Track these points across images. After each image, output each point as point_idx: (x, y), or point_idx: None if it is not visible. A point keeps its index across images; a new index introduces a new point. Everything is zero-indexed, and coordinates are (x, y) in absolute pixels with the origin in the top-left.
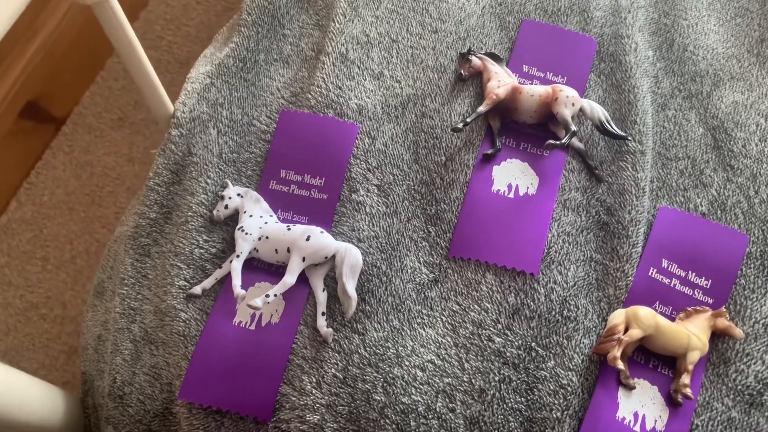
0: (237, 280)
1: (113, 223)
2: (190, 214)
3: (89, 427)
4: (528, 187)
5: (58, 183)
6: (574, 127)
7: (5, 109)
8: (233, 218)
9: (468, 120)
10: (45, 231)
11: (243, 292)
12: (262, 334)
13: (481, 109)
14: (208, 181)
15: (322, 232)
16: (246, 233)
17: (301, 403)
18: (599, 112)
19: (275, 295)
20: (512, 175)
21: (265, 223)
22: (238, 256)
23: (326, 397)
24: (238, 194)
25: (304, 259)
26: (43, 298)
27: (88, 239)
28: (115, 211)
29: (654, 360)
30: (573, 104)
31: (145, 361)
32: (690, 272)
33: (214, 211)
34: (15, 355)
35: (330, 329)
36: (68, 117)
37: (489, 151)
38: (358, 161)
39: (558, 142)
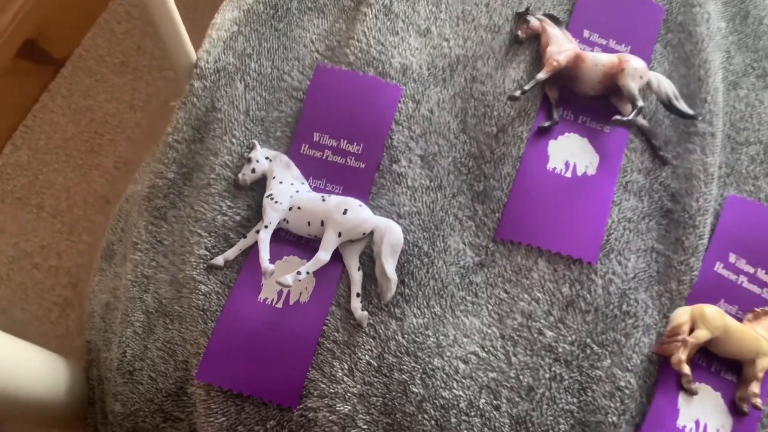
0: (265, 254)
1: (112, 173)
2: (212, 176)
3: (93, 399)
4: (587, 166)
5: (56, 128)
6: (641, 102)
7: (2, 46)
8: (260, 183)
9: (526, 88)
10: (41, 177)
11: (272, 267)
12: (289, 313)
13: (541, 76)
14: (234, 140)
15: (360, 206)
16: (276, 202)
17: (331, 391)
18: (667, 87)
19: (307, 273)
20: (570, 152)
21: (297, 191)
22: (266, 226)
23: (359, 386)
24: (267, 158)
25: (339, 235)
26: (38, 247)
27: (85, 188)
28: (114, 161)
29: (717, 363)
30: (641, 77)
31: (158, 335)
32: (759, 269)
33: (240, 175)
34: (7, 305)
35: (365, 312)
36: (68, 59)
37: (545, 124)
38: (401, 128)
39: (624, 119)
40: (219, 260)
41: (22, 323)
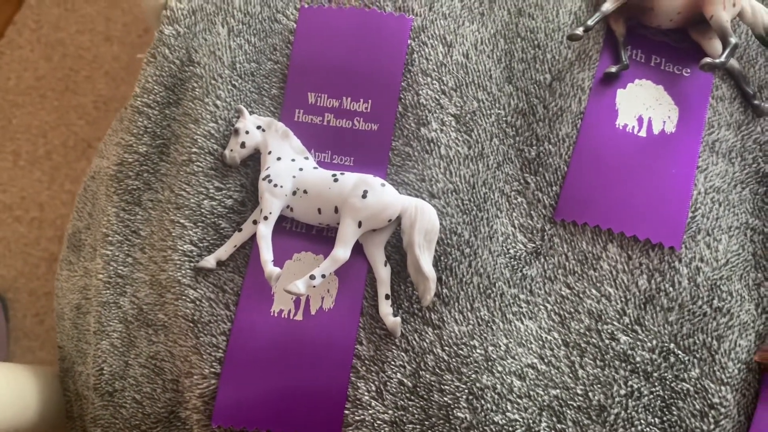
0: (267, 254)
1: (92, 114)
2: (194, 150)
3: (72, 414)
4: (665, 122)
5: (26, 65)
6: (735, 39)
7: None
8: (253, 157)
9: (590, 23)
10: (14, 122)
11: (277, 270)
12: (313, 325)
13: (607, 6)
14: (218, 103)
15: (383, 185)
16: (275, 185)
17: (357, 418)
18: (765, 16)
19: (323, 276)
20: (643, 104)
21: (300, 169)
22: (265, 217)
23: (390, 412)
24: (258, 127)
25: (360, 225)
26: (17, 199)
27: (63, 131)
28: (93, 100)
29: None
30: (733, 4)
31: (141, 348)
32: None
33: (226, 151)
34: None
35: (398, 318)
36: None
37: (612, 69)
38: (429, 80)
39: (717, 61)
40: (209, 261)
41: (7, 281)
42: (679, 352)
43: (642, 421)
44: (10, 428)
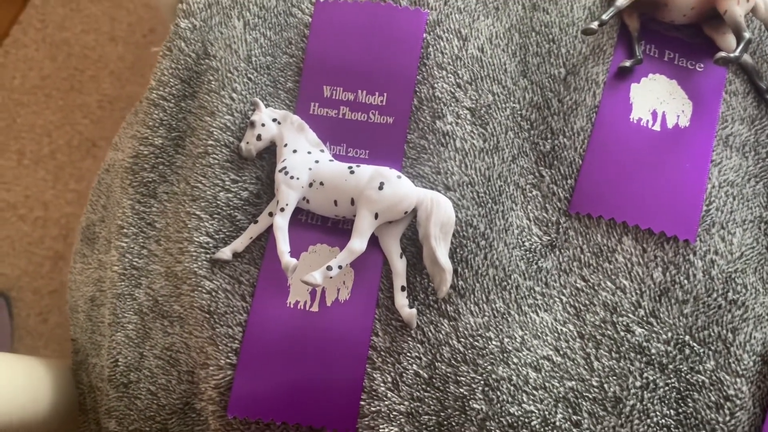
0: (284, 245)
1: (96, 113)
2: (210, 142)
3: (85, 407)
4: (678, 116)
5: (31, 65)
6: (748, 34)
7: None
8: (269, 150)
9: (605, 17)
10: (18, 120)
11: (294, 261)
12: (329, 316)
13: (622, 2)
14: (234, 96)
15: (399, 177)
16: (291, 177)
17: (373, 409)
18: None
19: (340, 267)
20: (657, 98)
21: (316, 161)
22: (282, 209)
23: (406, 403)
24: (274, 119)
25: (376, 216)
26: (21, 197)
27: (68, 131)
28: (98, 99)
29: None
30: (747, 0)
31: (156, 340)
32: None
33: (242, 144)
34: None
35: (414, 310)
36: None
37: (627, 63)
38: (445, 73)
39: (731, 55)
40: (226, 253)
41: (11, 279)
42: (694, 344)
43: (657, 413)
44: (22, 421)
